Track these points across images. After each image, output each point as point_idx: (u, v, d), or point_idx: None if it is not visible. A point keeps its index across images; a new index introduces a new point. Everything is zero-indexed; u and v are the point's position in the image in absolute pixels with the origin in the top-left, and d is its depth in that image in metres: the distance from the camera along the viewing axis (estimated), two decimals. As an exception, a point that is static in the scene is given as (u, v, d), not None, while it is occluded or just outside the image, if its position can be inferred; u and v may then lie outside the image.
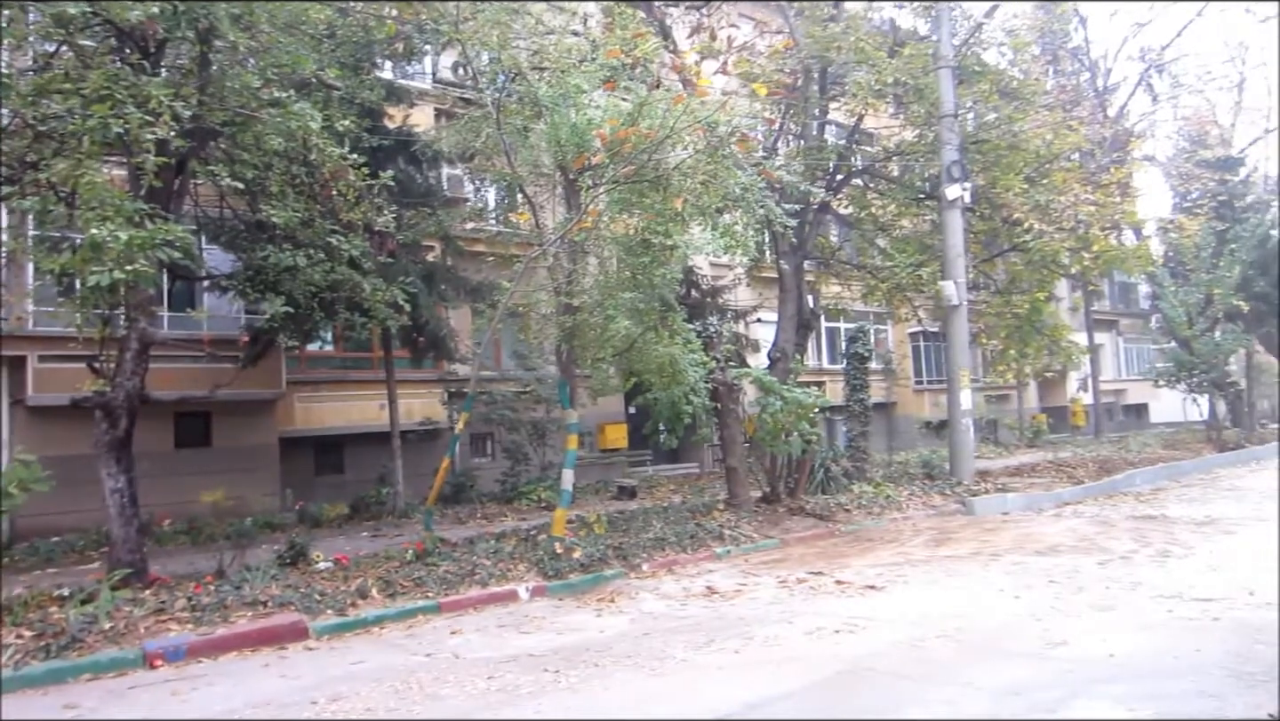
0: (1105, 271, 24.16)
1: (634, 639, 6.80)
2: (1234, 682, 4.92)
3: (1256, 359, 33.32)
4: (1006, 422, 29.50)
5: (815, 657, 6.02)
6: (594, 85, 9.61)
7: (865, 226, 18.49)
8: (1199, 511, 12.60)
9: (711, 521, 11.76)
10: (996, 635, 6.37)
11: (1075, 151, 19.63)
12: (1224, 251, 23.56)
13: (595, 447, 19.88)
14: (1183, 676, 5.10)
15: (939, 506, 13.91)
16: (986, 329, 20.61)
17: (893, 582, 8.49)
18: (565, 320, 10.13)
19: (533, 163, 10.65)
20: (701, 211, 10.08)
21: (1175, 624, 6.40)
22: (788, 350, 15.08)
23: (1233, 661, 5.31)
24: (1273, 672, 5.03)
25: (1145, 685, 4.99)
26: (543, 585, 8.82)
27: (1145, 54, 29.41)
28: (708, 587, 8.71)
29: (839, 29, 14.77)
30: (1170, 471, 18.34)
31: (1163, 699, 4.71)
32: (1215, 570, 8.28)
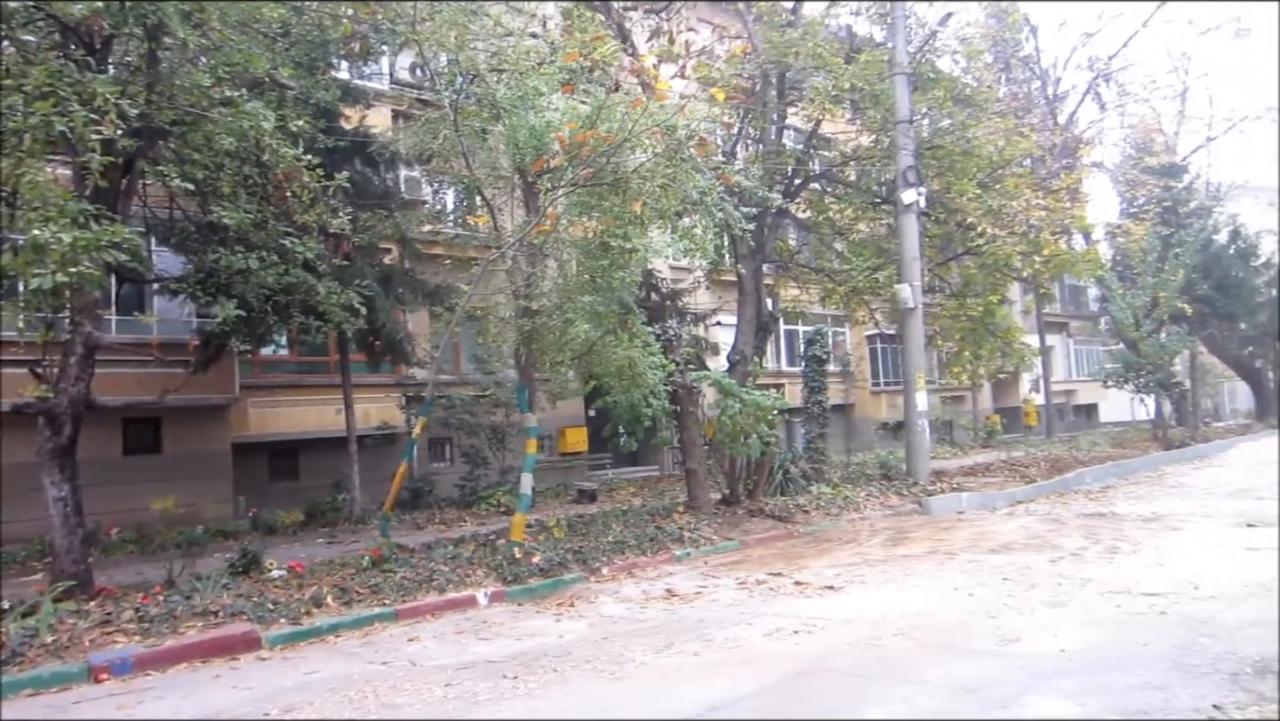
0: (1056, 275, 24.58)
1: (593, 643, 6.78)
2: (1179, 675, 5.03)
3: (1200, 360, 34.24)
4: (961, 423, 29.95)
5: (774, 658, 6.04)
6: (553, 88, 9.60)
7: (823, 230, 18.67)
8: (1146, 508, 12.88)
9: (671, 524, 11.77)
10: (952, 633, 6.44)
11: (1026, 158, 20.01)
12: (1169, 256, 24.16)
13: (555, 451, 19.81)
14: (1130, 670, 5.20)
15: (896, 506, 14.06)
16: (942, 331, 20.90)
17: (851, 582, 8.56)
18: (524, 323, 10.08)
19: (491, 165, 10.61)
20: (661, 215, 10.11)
21: (1123, 618, 6.52)
22: (747, 353, 15.18)
23: (1178, 654, 5.42)
24: (1217, 665, 5.15)
25: (1095, 679, 5.08)
26: (502, 590, 8.75)
27: (1093, 63, 30.03)
28: (667, 590, 8.71)
29: (797, 34, 14.92)
30: (1118, 469, 18.74)
31: (1111, 692, 4.80)
32: (1162, 565, 8.46)
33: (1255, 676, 4.91)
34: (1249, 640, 5.64)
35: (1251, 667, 5.07)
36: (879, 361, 29.64)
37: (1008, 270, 18.93)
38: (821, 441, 16.57)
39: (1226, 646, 5.53)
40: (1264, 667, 5.05)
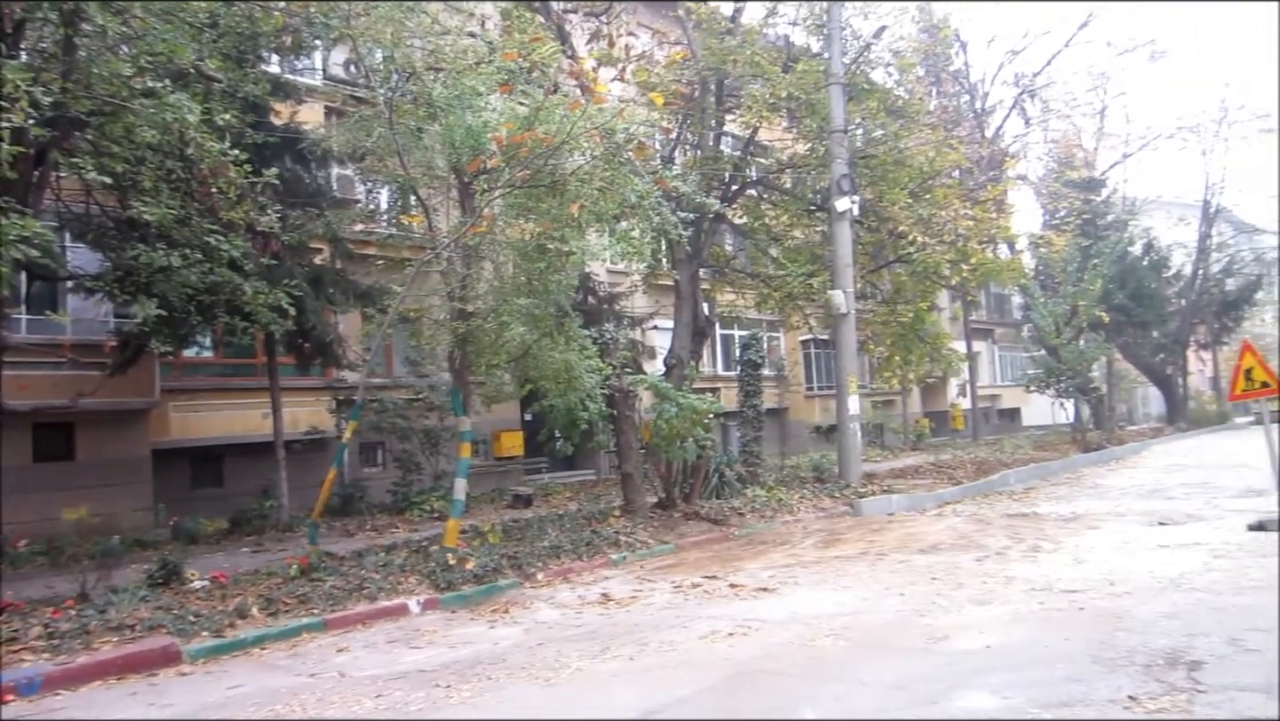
0: (982, 283, 25.33)
1: (528, 649, 6.71)
2: (1098, 668, 5.18)
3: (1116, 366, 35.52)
4: (892, 426, 30.53)
5: (710, 661, 6.06)
6: (490, 88, 9.51)
7: (759, 236, 18.87)
8: (1066, 508, 13.29)
9: (607, 528, 11.75)
10: (883, 632, 6.55)
11: (955, 169, 20.51)
12: (1087, 266, 24.99)
13: (490, 455, 19.63)
14: (1052, 664, 5.34)
15: (828, 508, 14.26)
16: (873, 337, 21.31)
17: (785, 584, 8.64)
18: (459, 326, 9.96)
19: (426, 164, 10.45)
20: (598, 218, 10.09)
21: (1045, 615, 6.71)
22: (683, 357, 15.24)
23: (1096, 648, 5.59)
24: (1132, 658, 5.33)
25: (1019, 674, 5.21)
26: (435, 598, 8.63)
27: (1019, 80, 31.04)
28: (603, 595, 8.68)
29: (735, 42, 15.06)
30: (1040, 471, 19.30)
31: (1034, 686, 4.93)
32: (1080, 563, 8.73)
33: (1166, 667, 5.09)
34: (1161, 633, 5.85)
35: (1163, 659, 5.25)
36: (813, 366, 30.07)
37: (937, 278, 19.39)
38: (756, 445, 16.73)
39: (1141, 639, 5.73)
40: (1174, 659, 5.23)
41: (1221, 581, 7.45)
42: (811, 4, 16.58)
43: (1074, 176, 32.50)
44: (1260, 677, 4.78)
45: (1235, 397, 11.84)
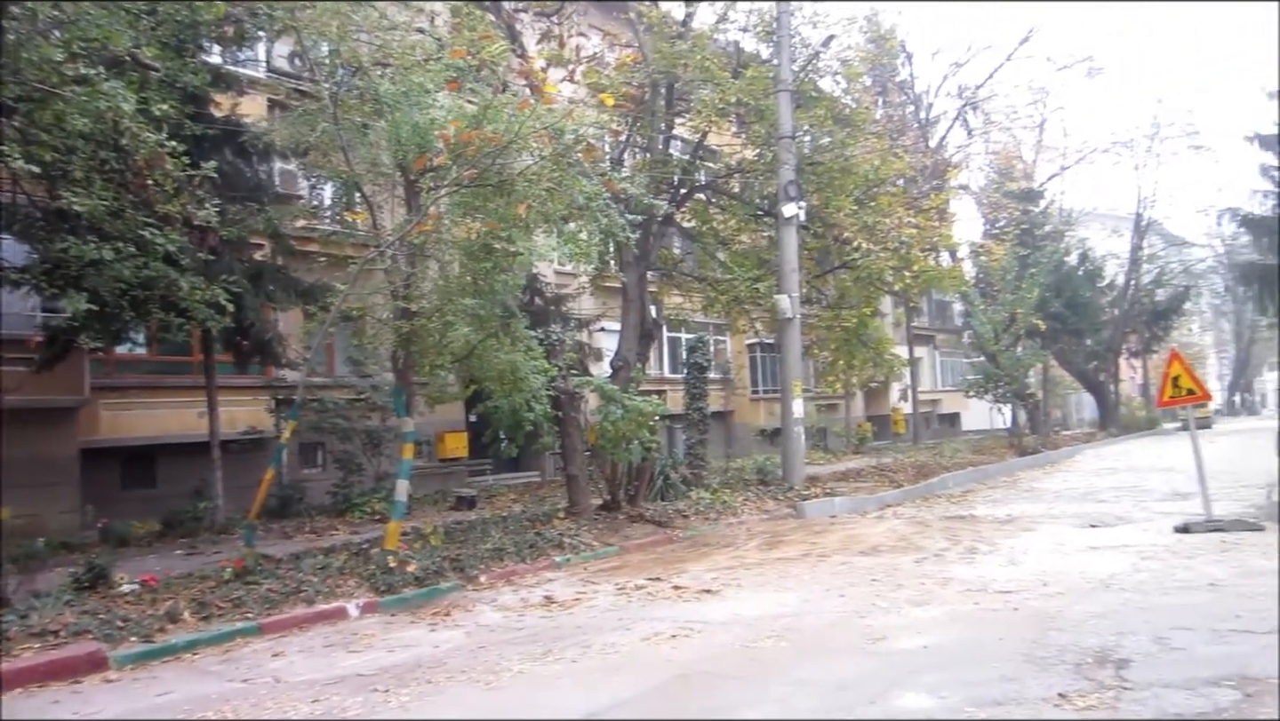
0: (924, 290, 25.76)
1: (469, 652, 6.65)
2: (1031, 667, 5.30)
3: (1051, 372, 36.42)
4: (835, 430, 30.92)
5: (652, 663, 6.06)
6: (438, 85, 9.40)
7: (707, 240, 18.97)
8: (1002, 511, 13.58)
9: (551, 530, 11.69)
10: (824, 633, 6.62)
11: (900, 177, 20.83)
12: (1025, 275, 25.59)
13: (434, 457, 19.43)
14: (987, 663, 5.45)
15: (772, 511, 14.37)
16: (818, 341, 21.52)
17: (728, 586, 8.68)
18: (402, 325, 9.83)
19: (371, 161, 10.30)
20: (546, 219, 10.04)
21: (981, 615, 6.84)
22: (630, 359, 15.25)
23: (1029, 647, 5.72)
24: (1063, 656, 5.45)
25: (955, 673, 5.30)
26: (375, 601, 8.49)
27: (962, 92, 31.65)
28: (546, 597, 8.64)
29: (686, 46, 15.12)
30: (978, 474, 19.72)
31: (970, 685, 5.01)
32: (1015, 564, 8.93)
33: (1096, 666, 5.22)
34: (1091, 632, 6.00)
35: (1093, 658, 5.39)
36: (758, 369, 30.31)
37: (880, 284, 19.67)
38: (702, 447, 16.80)
39: (1072, 639, 5.87)
40: (1103, 658, 5.37)
41: (1149, 582, 7.67)
42: (762, 11, 16.73)
43: (1013, 187, 33.30)
44: (1184, 675, 4.93)
45: (1163, 404, 12.25)
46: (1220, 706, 4.40)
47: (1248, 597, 6.73)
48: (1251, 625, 5.89)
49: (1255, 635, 5.65)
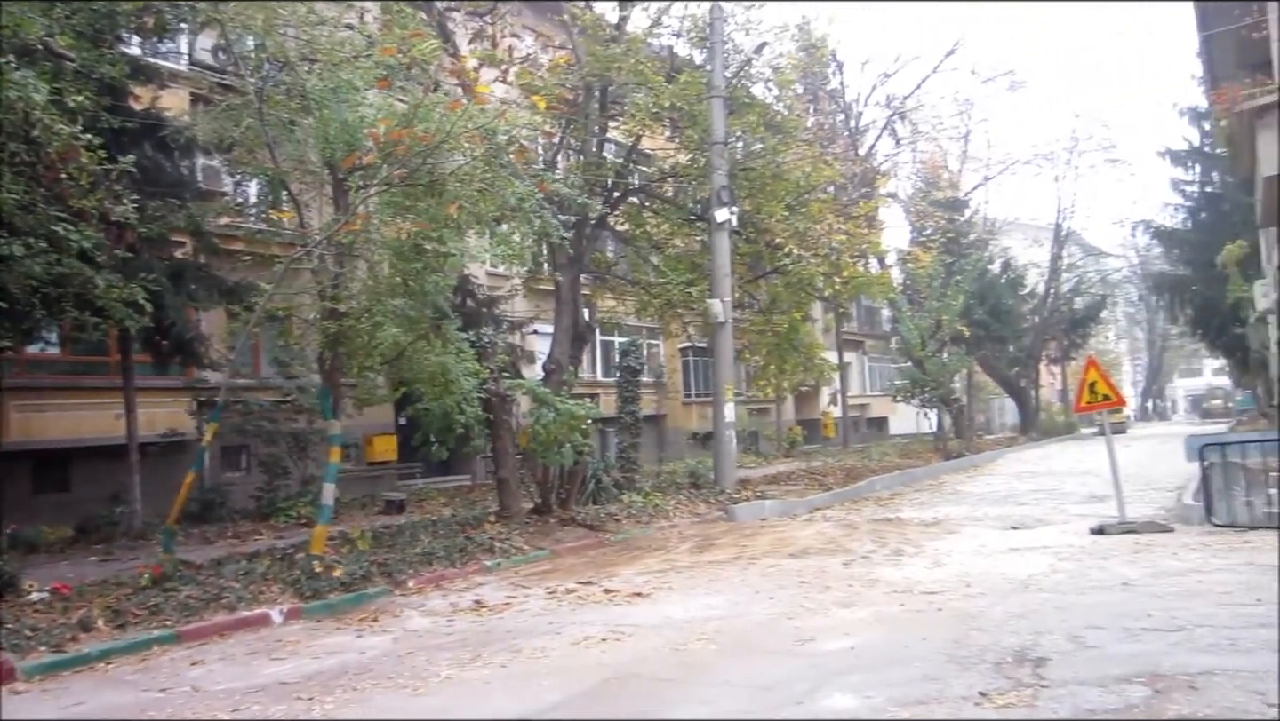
0: (853, 295, 26.22)
1: (397, 658, 6.55)
2: (953, 666, 5.43)
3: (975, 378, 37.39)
4: (766, 434, 31.25)
5: (582, 667, 6.05)
6: (368, 82, 9.26)
7: (640, 244, 19.02)
8: (927, 514, 13.89)
9: (482, 534, 11.59)
10: (753, 635, 6.68)
11: (830, 184, 21.19)
12: (951, 282, 26.21)
13: (362, 460, 19.08)
14: (911, 663, 5.56)
15: (704, 514, 14.47)
16: (750, 346, 21.74)
17: (659, 589, 8.72)
18: (330, 326, 9.64)
19: (298, 158, 10.08)
20: (478, 219, 9.96)
21: (906, 616, 6.99)
22: (563, 362, 15.20)
23: (952, 647, 5.86)
24: (984, 656, 5.61)
25: (880, 673, 5.40)
26: (299, 607, 8.31)
27: (891, 101, 32.33)
28: (476, 602, 8.56)
29: (620, 50, 15.14)
30: (905, 478, 20.13)
31: (894, 685, 5.12)
32: (939, 566, 9.14)
33: (1015, 665, 5.38)
34: (1011, 632, 6.18)
35: (1012, 656, 5.55)
36: (691, 373, 30.48)
37: (811, 289, 19.96)
38: (634, 451, 16.81)
39: (992, 638, 6.03)
40: (1022, 657, 5.53)
41: (1066, 582, 7.92)
42: (695, 17, 16.84)
43: (939, 196, 34.13)
44: (1098, 672, 5.10)
45: (1081, 409, 12.69)
46: (1131, 703, 4.56)
47: (1158, 597, 7.00)
48: (1161, 624, 6.12)
49: (1165, 633, 5.88)
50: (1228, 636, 5.66)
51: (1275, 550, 8.68)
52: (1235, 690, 4.59)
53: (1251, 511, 10.10)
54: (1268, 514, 9.97)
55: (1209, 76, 21.00)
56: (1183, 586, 7.33)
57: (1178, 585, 7.41)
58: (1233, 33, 15.24)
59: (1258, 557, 8.35)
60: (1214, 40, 17.60)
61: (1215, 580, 7.49)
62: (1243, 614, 6.24)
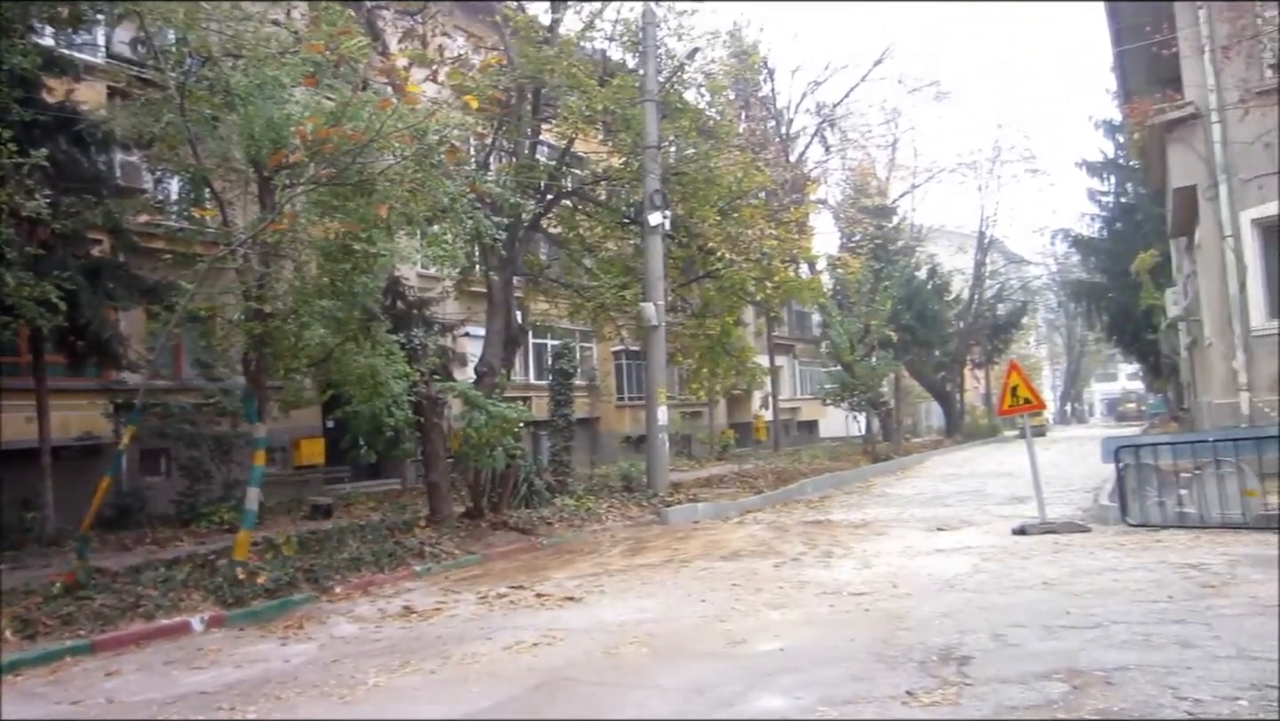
0: (784, 300, 26.58)
1: (323, 666, 6.42)
2: (881, 666, 5.53)
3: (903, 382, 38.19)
4: (699, 437, 31.44)
5: (513, 672, 6.00)
6: (295, 79, 9.06)
7: (573, 246, 19.00)
8: (856, 515, 14.11)
9: (412, 539, 11.42)
10: (685, 638, 6.71)
11: (762, 190, 21.45)
12: (879, 288, 26.71)
13: (289, 464, 18.66)
14: (840, 663, 5.65)
15: (636, 517, 14.49)
16: (683, 349, 21.88)
17: (591, 593, 8.70)
18: (255, 327, 9.40)
19: (222, 155, 9.82)
20: (409, 220, 9.82)
21: (835, 617, 7.09)
22: (495, 364, 15.08)
23: (880, 647, 5.96)
24: (910, 655, 5.72)
25: (809, 674, 5.47)
26: (221, 614, 8.09)
27: (821, 109, 32.89)
28: (405, 607, 8.43)
29: (553, 52, 15.10)
30: (835, 480, 20.42)
31: (823, 685, 5.19)
32: (868, 567, 9.29)
33: (940, 663, 5.50)
34: (936, 631, 6.31)
35: (938, 655, 5.67)
36: (624, 376, 30.54)
37: (743, 293, 20.17)
38: (567, 454, 16.78)
39: (918, 638, 6.15)
40: (947, 655, 5.66)
41: (989, 582, 8.12)
42: (628, 21, 16.89)
43: (868, 203, 34.81)
44: (1019, 670, 5.23)
45: (1003, 412, 13.04)
46: (1051, 699, 4.69)
47: (1076, 596, 7.21)
48: (1079, 621, 6.31)
49: (1082, 630, 6.06)
50: (1141, 633, 5.86)
51: (1185, 549, 9.06)
52: (1148, 684, 4.76)
53: (1163, 511, 10.48)
54: (1178, 514, 10.37)
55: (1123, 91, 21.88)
56: (1099, 585, 7.58)
57: (1094, 584, 7.65)
58: (1145, 50, 15.87)
59: (1169, 556, 8.67)
60: (1127, 56, 18.34)
61: (1130, 578, 7.76)
62: (1155, 611, 6.47)
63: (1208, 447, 10.34)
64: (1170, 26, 14.35)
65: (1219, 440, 10.46)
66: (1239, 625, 5.86)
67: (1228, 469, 10.04)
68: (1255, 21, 12.48)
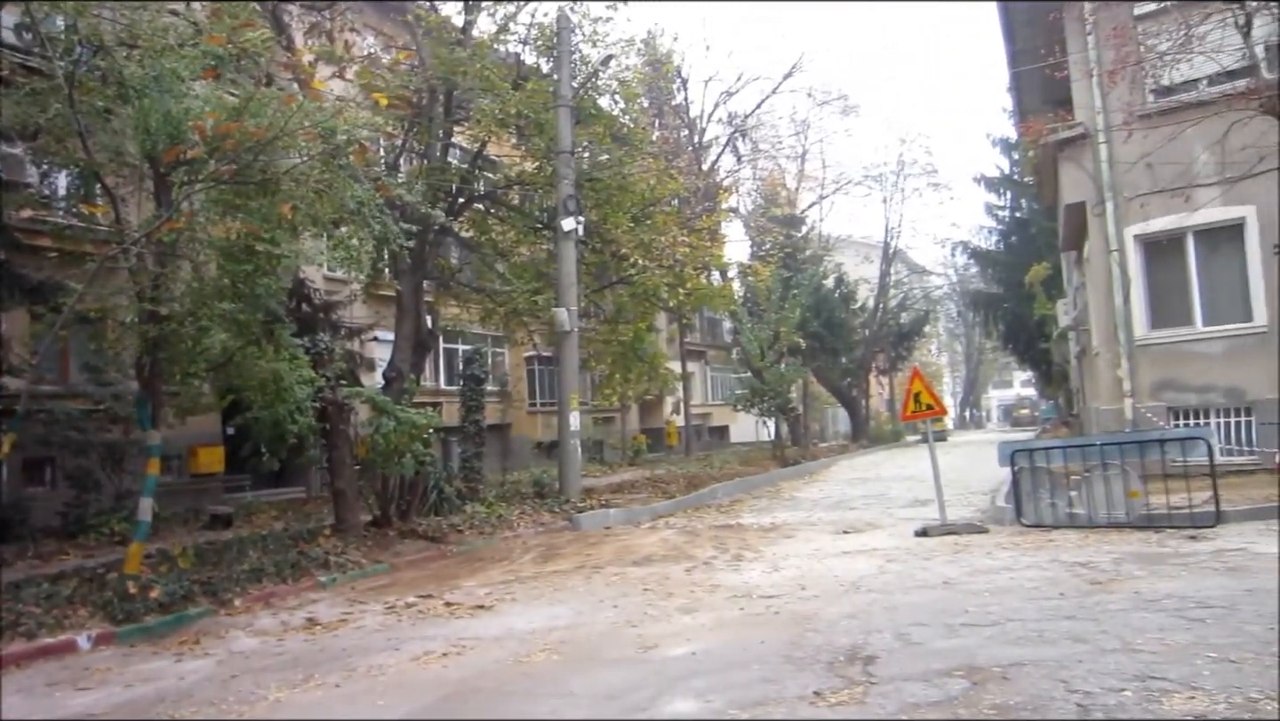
0: (696, 306, 26.83)
1: (220, 682, 6.17)
2: (790, 667, 5.61)
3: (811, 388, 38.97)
4: (611, 442, 31.44)
5: (421, 683, 5.88)
6: (194, 72, 8.71)
7: (485, 251, 18.79)
8: (766, 519, 14.33)
9: (316, 548, 11.09)
10: (597, 644, 6.69)
11: (674, 197, 21.62)
12: (788, 296, 27.19)
13: (186, 472, 17.92)
14: (750, 666, 5.71)
15: (548, 523, 14.40)
16: (595, 355, 21.86)
17: (502, 601, 8.60)
18: (149, 329, 9.00)
19: (115, 150, 9.37)
20: (315, 221, 9.56)
21: (745, 620, 7.17)
22: (404, 370, 14.80)
23: (788, 649, 6.05)
24: (818, 656, 5.82)
25: (720, 677, 5.51)
26: (111, 631, 7.71)
27: (733, 119, 33.38)
28: (309, 619, 8.19)
29: (466, 54, 14.93)
30: (745, 485, 20.70)
31: (733, 688, 5.24)
32: (777, 570, 9.43)
33: (846, 663, 5.61)
34: (843, 632, 6.44)
35: (844, 656, 5.78)
36: (537, 382, 30.35)
37: (656, 300, 20.28)
38: (478, 460, 16.57)
39: (826, 639, 6.27)
40: (853, 655, 5.78)
41: (893, 583, 8.34)
42: (543, 26, 16.84)
43: (778, 213, 35.49)
44: (921, 667, 5.38)
45: (906, 417, 13.43)
46: (951, 695, 4.84)
47: (975, 594, 7.47)
48: (978, 619, 6.53)
49: (980, 628, 6.27)
50: (1035, 629, 6.10)
51: (1075, 547, 9.47)
52: (1042, 678, 4.95)
53: (1055, 512, 10.94)
54: (1069, 514, 10.84)
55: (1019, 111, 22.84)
56: (996, 584, 7.86)
57: (992, 582, 7.93)
58: (1038, 71, 16.62)
59: (1061, 555, 9.06)
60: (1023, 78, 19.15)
61: (1024, 577, 8.07)
62: (1048, 607, 6.74)
63: (1095, 451, 10.85)
64: (1062, 50, 15.05)
65: (1105, 444, 10.99)
66: (1124, 620, 6.15)
67: (1113, 471, 10.55)
68: (1139, 48, 13.19)
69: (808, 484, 21.99)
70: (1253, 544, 8.77)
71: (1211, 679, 4.71)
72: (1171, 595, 6.80)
